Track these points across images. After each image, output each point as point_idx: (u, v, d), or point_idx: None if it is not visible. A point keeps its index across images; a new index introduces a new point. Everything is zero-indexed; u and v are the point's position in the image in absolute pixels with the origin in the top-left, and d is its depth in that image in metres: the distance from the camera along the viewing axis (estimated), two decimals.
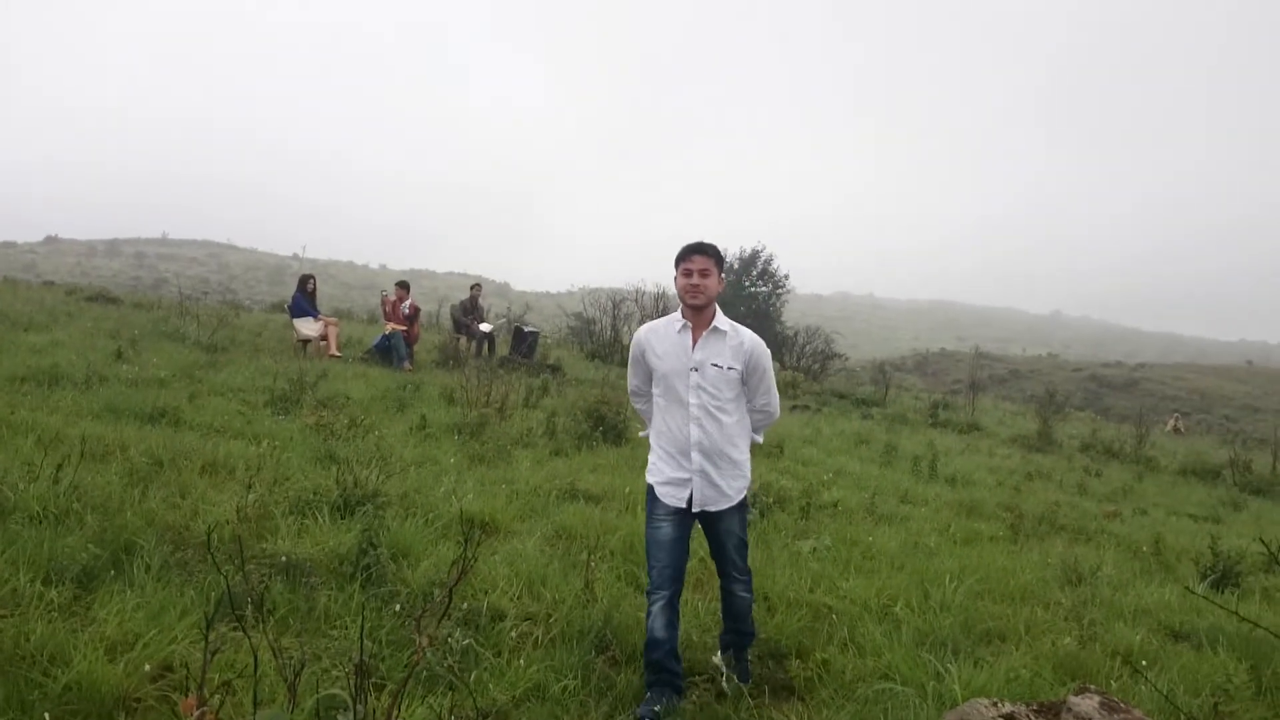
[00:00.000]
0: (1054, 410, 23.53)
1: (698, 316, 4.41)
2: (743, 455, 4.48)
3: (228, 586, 3.03)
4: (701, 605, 5.28)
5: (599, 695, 4.20)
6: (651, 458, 4.56)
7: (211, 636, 3.97)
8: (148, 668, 3.66)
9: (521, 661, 4.21)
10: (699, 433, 4.36)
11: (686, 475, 4.38)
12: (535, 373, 16.73)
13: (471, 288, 19.89)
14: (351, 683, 2.72)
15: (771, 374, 4.54)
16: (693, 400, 4.37)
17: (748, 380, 4.46)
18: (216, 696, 2.94)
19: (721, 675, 4.53)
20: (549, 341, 24.49)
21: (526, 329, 20.21)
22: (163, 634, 3.95)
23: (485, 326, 19.30)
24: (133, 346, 12.85)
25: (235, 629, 3.98)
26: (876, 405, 22.39)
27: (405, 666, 3.87)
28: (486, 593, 4.94)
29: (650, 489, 4.49)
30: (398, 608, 4.52)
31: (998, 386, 55.92)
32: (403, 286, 17.40)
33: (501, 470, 8.19)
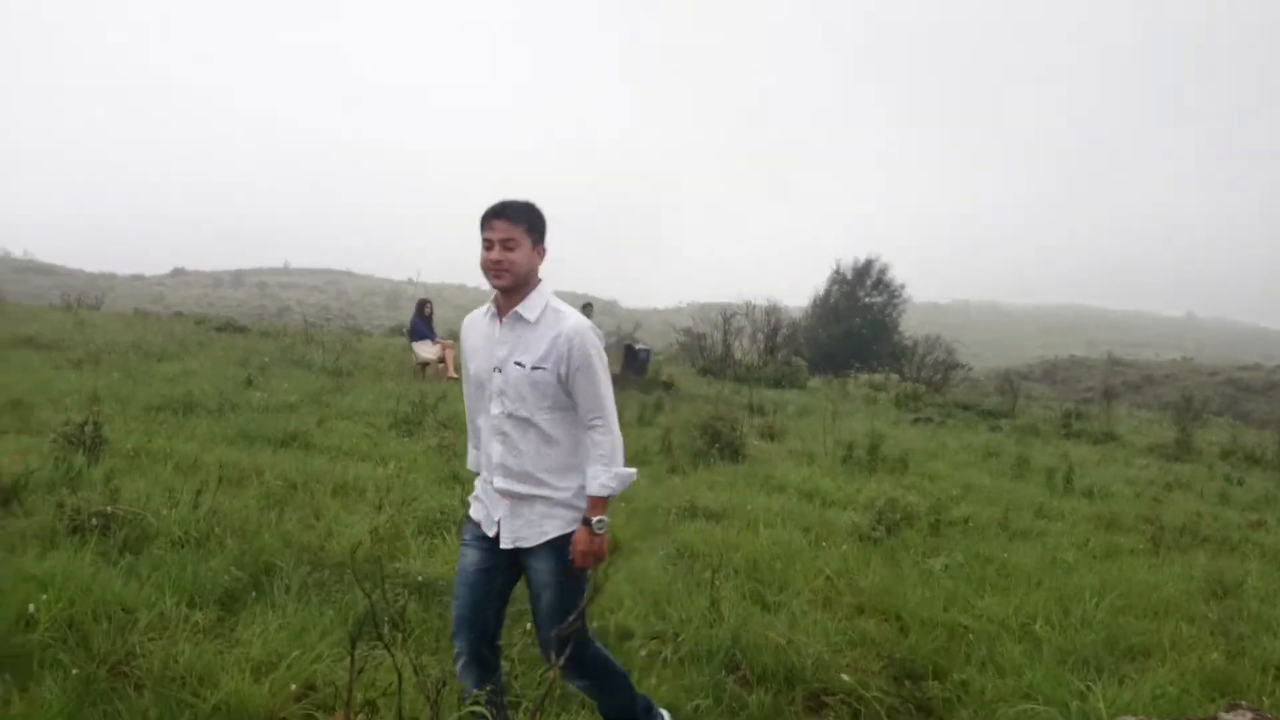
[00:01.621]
0: (1192, 417, 22.56)
1: (509, 298, 3.40)
2: (564, 486, 3.40)
3: (371, 605, 3.11)
4: (831, 625, 5.18)
5: (731, 715, 4.17)
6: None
7: (339, 654, 4.08)
8: (293, 687, 3.77)
9: (653, 680, 4.20)
10: (501, 450, 3.40)
11: (493, 503, 3.47)
12: (648, 390, 16.77)
13: (583, 307, 20.07)
14: (491, 701, 2.75)
15: (597, 377, 3.36)
16: (494, 409, 3.41)
17: (565, 381, 3.35)
18: (361, 715, 3.01)
19: None
20: (660, 358, 24.53)
21: (638, 346, 20.30)
22: (305, 653, 4.07)
23: None
24: (262, 373, 13.31)
25: (375, 648, 4.06)
26: (1004, 416, 21.80)
27: (539, 684, 3.90)
28: (613, 611, 4.96)
29: (465, 504, 3.71)
30: (528, 626, 4.56)
31: (1131, 393, 53.91)
32: None
33: None
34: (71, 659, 3.79)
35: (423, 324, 16.90)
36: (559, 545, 3.36)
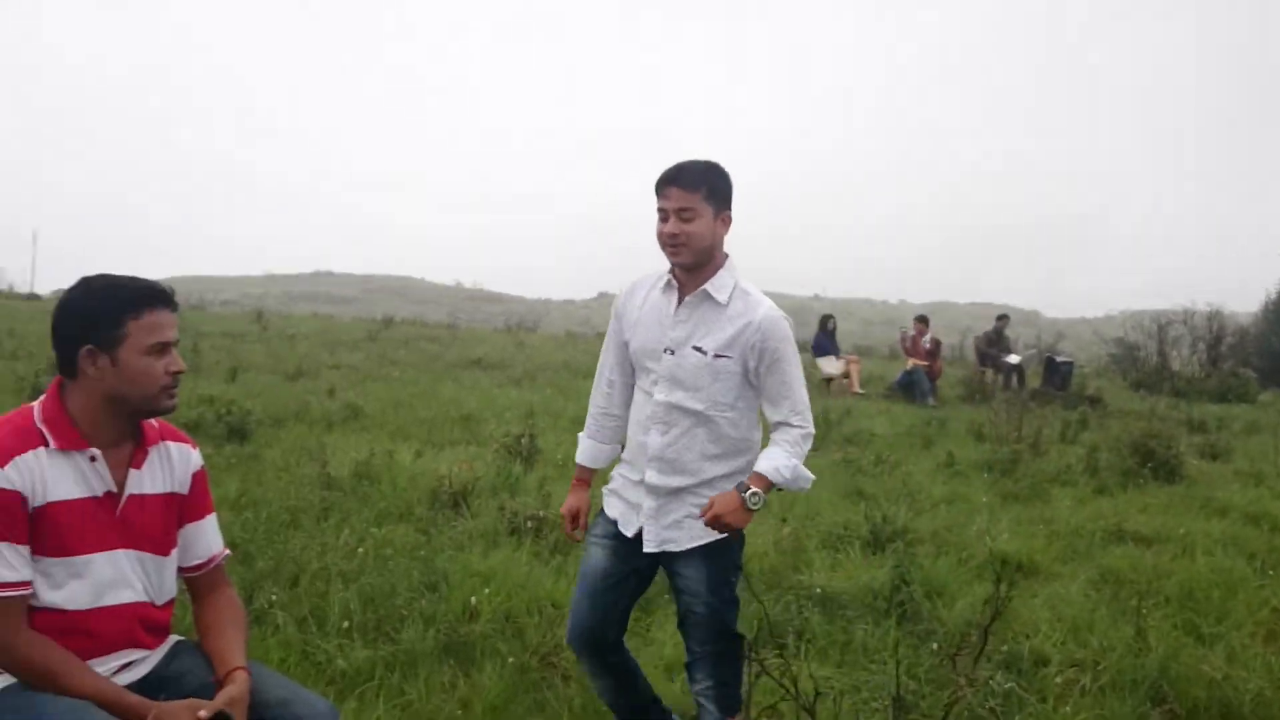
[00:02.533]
0: None
1: (690, 275, 2.99)
2: (725, 486, 2.98)
3: (765, 614, 3.20)
4: (1276, 661, 4.59)
5: None
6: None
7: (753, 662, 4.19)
8: None
9: (1068, 709, 3.95)
10: (661, 442, 2.99)
11: (638, 498, 3.07)
12: (1071, 405, 15.74)
13: (997, 319, 19.28)
14: (890, 715, 2.73)
15: (793, 367, 3.00)
16: (659, 395, 2.98)
17: (755, 375, 2.99)
18: (762, 717, 3.09)
19: None
20: (1085, 371, 22.89)
21: (1059, 359, 19.12)
22: None
23: (1013, 358, 18.57)
24: None
25: (778, 656, 4.15)
26: None
27: (945, 705, 3.80)
28: (1028, 636, 4.70)
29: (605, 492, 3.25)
30: (934, 646, 4.46)
31: None
32: (922, 320, 17.31)
33: (1037, 509, 7.79)
34: (509, 649, 4.19)
35: (826, 339, 17.03)
36: (713, 550, 2.99)
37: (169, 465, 2.42)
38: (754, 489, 2.87)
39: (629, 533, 3.04)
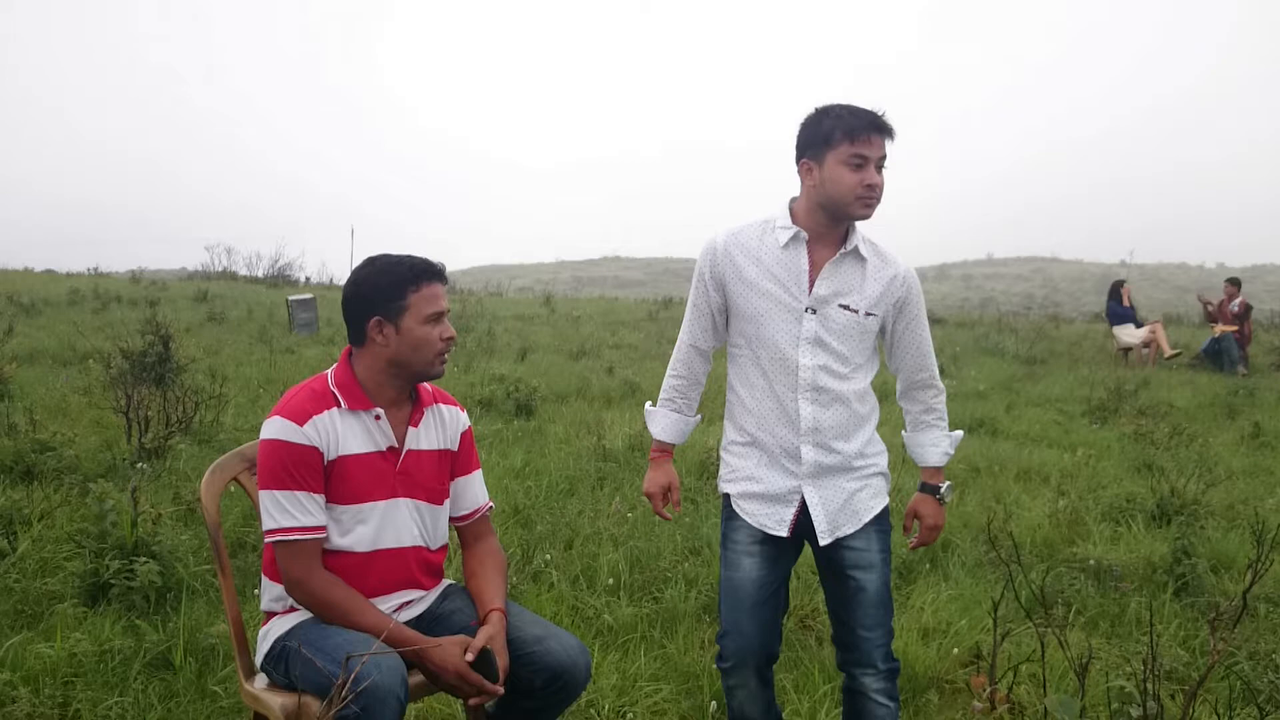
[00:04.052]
0: None
1: (828, 230, 2.64)
2: (874, 452, 2.76)
3: (1009, 578, 3.16)
4: None
5: None
6: (726, 454, 2.85)
7: (1004, 627, 4.13)
8: (955, 652, 3.93)
9: None
10: (814, 413, 2.65)
11: (793, 484, 2.69)
12: None
13: None
14: (1141, 678, 2.66)
15: (927, 327, 2.79)
16: (805, 359, 2.63)
17: (890, 333, 2.76)
18: (1009, 677, 3.07)
19: None
20: None
21: None
22: (972, 625, 4.21)
23: None
24: (953, 362, 13.64)
25: (1042, 624, 4.06)
26: None
27: (1217, 676, 3.61)
28: None
29: (726, 500, 2.84)
30: (1211, 617, 4.21)
31: None
32: (1233, 283, 15.91)
33: None
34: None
35: (1119, 307, 16.00)
36: (880, 518, 2.76)
37: (441, 425, 2.71)
38: (943, 484, 2.84)
39: (783, 531, 2.71)
